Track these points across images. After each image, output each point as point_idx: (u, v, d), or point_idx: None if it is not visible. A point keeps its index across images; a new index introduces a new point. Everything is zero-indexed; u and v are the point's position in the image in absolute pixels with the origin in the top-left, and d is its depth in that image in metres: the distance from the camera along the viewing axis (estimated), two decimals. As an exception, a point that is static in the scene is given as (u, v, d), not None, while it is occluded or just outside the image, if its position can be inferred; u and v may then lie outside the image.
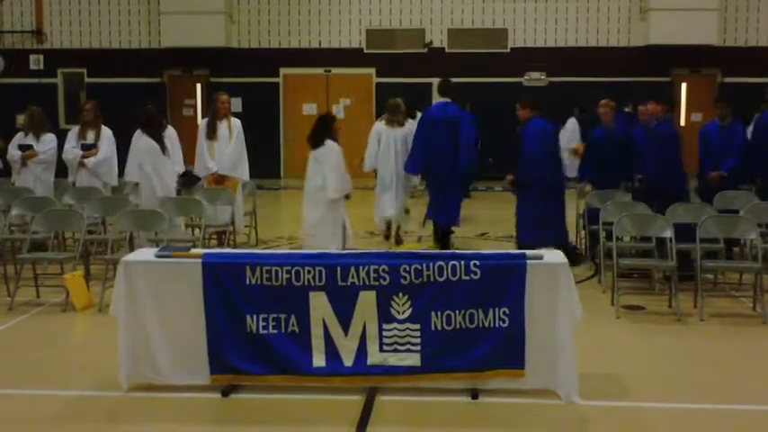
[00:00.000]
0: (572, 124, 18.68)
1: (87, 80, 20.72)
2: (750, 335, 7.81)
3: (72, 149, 11.13)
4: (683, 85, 20.10)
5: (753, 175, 11.14)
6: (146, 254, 6.35)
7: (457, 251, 6.35)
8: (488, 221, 13.84)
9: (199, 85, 20.75)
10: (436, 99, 19.32)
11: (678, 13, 18.80)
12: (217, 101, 10.99)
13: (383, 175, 11.81)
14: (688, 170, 10.29)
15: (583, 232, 11.03)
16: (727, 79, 19.54)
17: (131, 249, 8.63)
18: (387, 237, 12.19)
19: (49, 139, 11.26)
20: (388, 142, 11.75)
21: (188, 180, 11.51)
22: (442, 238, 11.25)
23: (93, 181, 11.12)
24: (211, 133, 10.86)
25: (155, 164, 10.35)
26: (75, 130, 11.33)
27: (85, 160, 11.09)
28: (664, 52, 19.23)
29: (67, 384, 6.40)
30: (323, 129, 9.25)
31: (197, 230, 10.34)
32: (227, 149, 10.89)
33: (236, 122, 11.09)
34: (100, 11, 20.74)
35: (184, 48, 19.73)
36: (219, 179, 10.87)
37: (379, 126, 12.04)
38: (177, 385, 6.03)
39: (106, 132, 11.31)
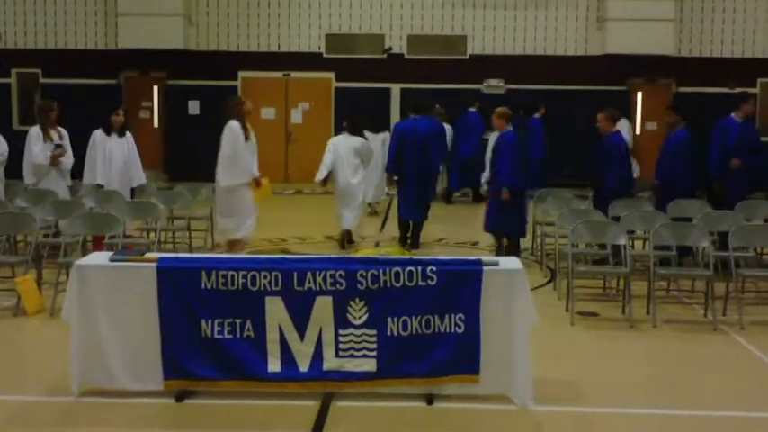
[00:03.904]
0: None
1: (42, 81, 20.41)
2: (701, 341, 7.91)
3: (43, 152, 10.86)
4: (639, 95, 20.33)
5: (708, 182, 11.36)
6: (99, 258, 6.28)
7: (414, 257, 6.36)
8: (448, 227, 13.89)
9: (156, 88, 20.56)
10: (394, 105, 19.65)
11: (635, 24, 19.00)
12: (244, 104, 10.66)
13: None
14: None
15: (538, 239, 11.13)
16: (683, 89, 19.79)
17: (84, 253, 8.52)
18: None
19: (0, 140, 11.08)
20: None
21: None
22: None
23: (59, 183, 10.96)
24: (246, 136, 10.39)
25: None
26: (38, 133, 10.96)
27: (62, 160, 10.92)
28: (620, 62, 19.42)
29: (18, 389, 6.32)
30: None
31: (152, 234, 10.26)
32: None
33: None
34: (56, 11, 20.45)
35: (142, 49, 19.54)
36: (258, 182, 10.55)
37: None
38: (130, 390, 5.97)
39: (65, 133, 11.16)
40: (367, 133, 13.51)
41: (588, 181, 11.19)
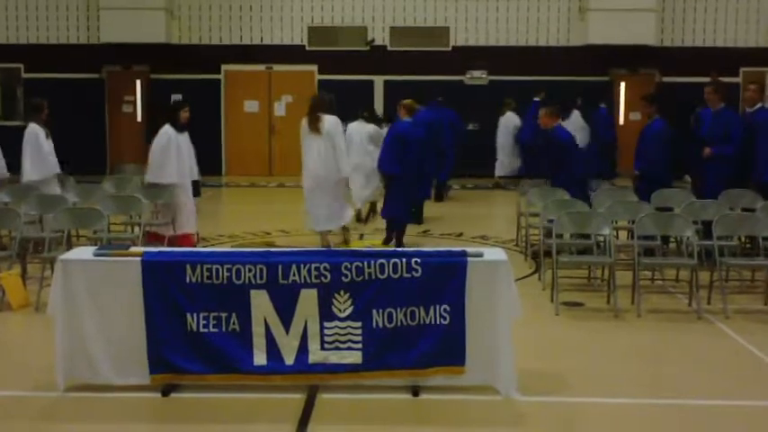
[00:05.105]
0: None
1: (25, 75, 20.31)
2: (686, 330, 7.95)
3: (50, 154, 10.86)
4: (622, 85, 20.40)
5: (688, 171, 11.46)
6: (84, 252, 6.27)
7: (398, 248, 6.38)
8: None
9: (138, 82, 20.48)
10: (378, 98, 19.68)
11: (617, 14, 19.05)
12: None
13: None
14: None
15: (523, 230, 11.16)
16: (666, 79, 19.87)
17: (69, 247, 8.49)
18: None
19: None
20: None
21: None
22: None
23: (54, 181, 10.99)
24: None
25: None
26: (42, 132, 10.86)
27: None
28: (603, 52, 19.48)
29: (3, 384, 6.30)
30: None
31: (136, 228, 10.23)
32: None
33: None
34: (38, 5, 20.33)
35: (124, 43, 19.47)
36: None
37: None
38: (116, 385, 5.96)
39: None
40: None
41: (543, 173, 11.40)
